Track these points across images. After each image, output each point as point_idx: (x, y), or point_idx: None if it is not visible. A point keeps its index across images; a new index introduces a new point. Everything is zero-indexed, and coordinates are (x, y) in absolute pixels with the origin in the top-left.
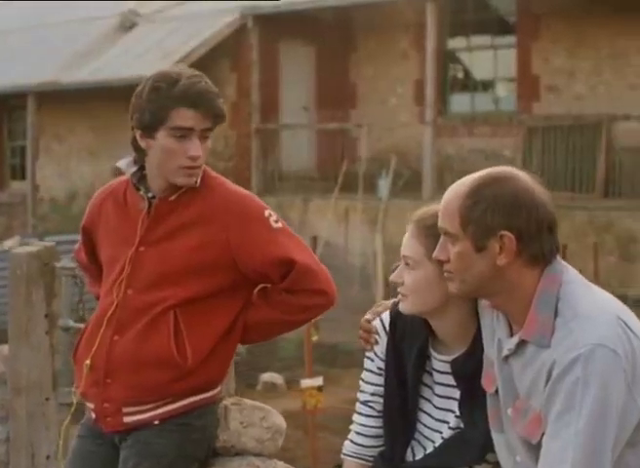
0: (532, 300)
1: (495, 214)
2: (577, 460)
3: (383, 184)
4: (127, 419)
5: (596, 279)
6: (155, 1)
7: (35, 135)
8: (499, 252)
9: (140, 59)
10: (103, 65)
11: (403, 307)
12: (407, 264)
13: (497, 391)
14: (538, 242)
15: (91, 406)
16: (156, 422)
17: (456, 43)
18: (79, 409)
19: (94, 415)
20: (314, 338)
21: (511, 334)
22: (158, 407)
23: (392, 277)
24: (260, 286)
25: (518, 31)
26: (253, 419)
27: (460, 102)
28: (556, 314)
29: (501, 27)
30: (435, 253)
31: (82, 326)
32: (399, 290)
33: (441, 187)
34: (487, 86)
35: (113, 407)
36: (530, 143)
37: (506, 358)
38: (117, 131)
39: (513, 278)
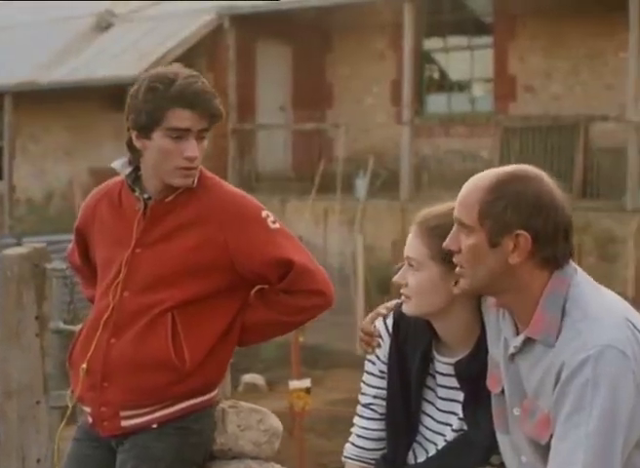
0: (539, 300)
1: (514, 212)
2: (587, 462)
3: (361, 185)
4: (124, 423)
5: None
6: (131, 1)
7: (12, 135)
8: (512, 250)
9: (116, 60)
10: (80, 65)
11: (406, 309)
12: (410, 265)
13: (502, 391)
14: (552, 245)
15: (87, 409)
16: (154, 426)
17: (432, 43)
18: (73, 413)
19: (90, 419)
20: (301, 339)
21: (517, 334)
22: (156, 410)
23: (395, 278)
24: (258, 287)
25: (495, 32)
26: (250, 422)
27: (436, 103)
28: (563, 314)
29: (478, 28)
30: (446, 243)
31: (73, 328)
32: (402, 291)
33: (418, 188)
34: (463, 86)
35: (110, 410)
36: (507, 144)
37: (512, 357)
38: (93, 130)
39: (523, 278)
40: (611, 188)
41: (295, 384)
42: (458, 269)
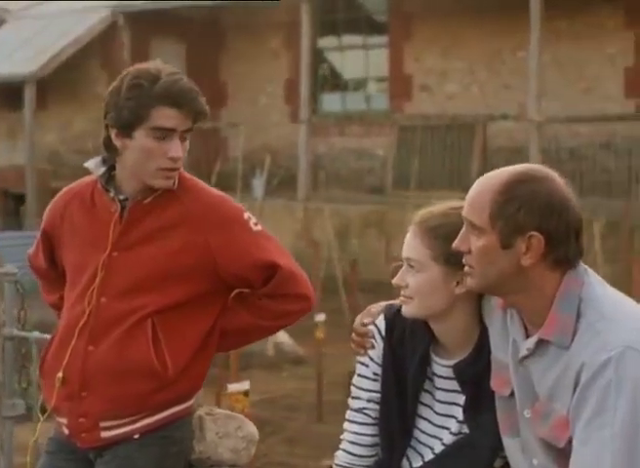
0: (551, 301)
1: (527, 213)
2: (615, 464)
3: (258, 184)
4: (105, 434)
5: None
6: (22, 0)
7: None
8: (524, 251)
9: (9, 58)
10: None
11: (407, 311)
12: (410, 267)
13: (511, 394)
14: (564, 246)
15: (63, 421)
16: (136, 436)
17: (327, 42)
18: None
19: (67, 431)
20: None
21: (526, 335)
22: (137, 420)
23: (395, 280)
24: (237, 290)
25: (390, 31)
26: (228, 429)
27: (331, 102)
28: (578, 315)
29: (373, 27)
30: (455, 244)
31: (27, 335)
32: (403, 292)
33: (315, 187)
34: (358, 85)
35: (90, 421)
36: (403, 143)
37: (523, 359)
38: None
39: (534, 279)
40: None
41: (234, 387)
42: (466, 269)
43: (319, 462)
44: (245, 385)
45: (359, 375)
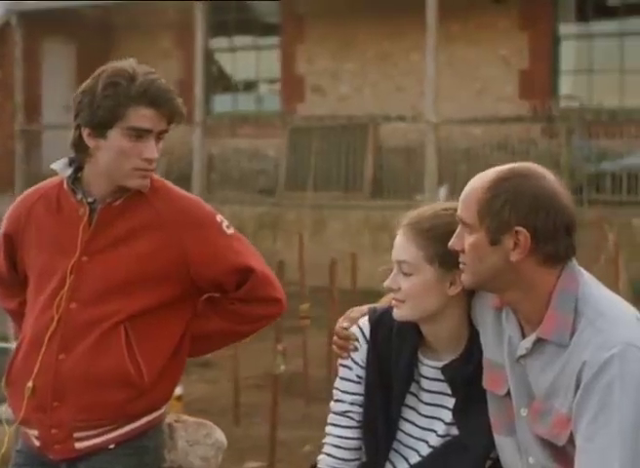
0: (548, 299)
1: (512, 209)
2: (625, 459)
3: None
4: (79, 445)
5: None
6: None
7: None
8: (512, 247)
9: None
10: None
11: (399, 313)
12: (402, 269)
13: (507, 393)
14: (553, 242)
15: (34, 432)
16: (111, 446)
17: (218, 43)
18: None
19: (38, 443)
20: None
21: (522, 334)
22: (113, 429)
23: (387, 283)
24: (207, 294)
25: (282, 32)
26: (197, 437)
27: (222, 103)
28: (576, 313)
29: (265, 28)
30: (451, 243)
31: None
32: (395, 296)
33: (209, 187)
34: (250, 86)
35: (63, 432)
36: (295, 144)
37: (521, 358)
38: None
39: (527, 275)
40: (399, 187)
41: None
42: (461, 266)
43: (240, 466)
44: (178, 390)
45: (342, 378)
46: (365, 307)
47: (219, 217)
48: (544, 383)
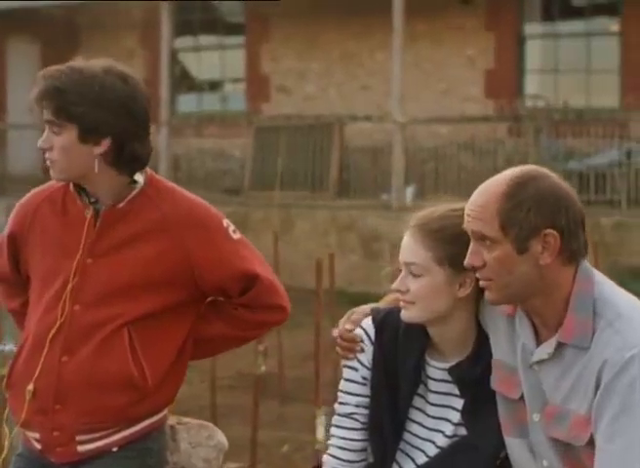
0: (566, 302)
1: (538, 213)
2: None
3: None
4: (81, 448)
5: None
6: None
7: None
8: (541, 251)
9: None
10: None
11: (408, 315)
12: (411, 271)
13: (520, 397)
14: (576, 239)
15: (35, 435)
16: (115, 449)
17: (183, 43)
18: None
19: (39, 446)
20: None
21: (537, 339)
22: (115, 432)
23: (395, 285)
24: (210, 298)
25: (247, 32)
26: (199, 439)
27: (187, 103)
28: (595, 315)
29: (230, 28)
30: (468, 261)
31: None
32: (403, 298)
33: None
34: (215, 86)
35: (65, 435)
36: (260, 143)
37: (537, 363)
38: None
39: (552, 277)
40: (365, 186)
41: None
42: (482, 283)
43: (222, 466)
44: None
45: (347, 380)
46: (366, 308)
47: (225, 222)
48: (563, 387)
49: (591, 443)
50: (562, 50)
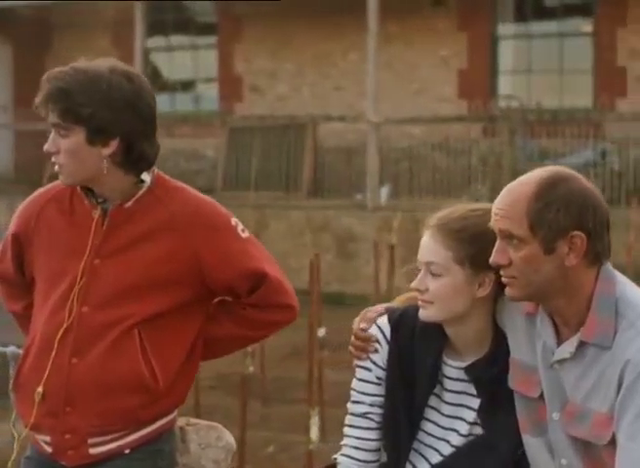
0: (589, 302)
1: (566, 214)
2: None
3: None
4: (93, 451)
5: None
6: None
7: None
8: (567, 252)
9: None
10: None
11: (427, 314)
12: (430, 270)
13: (540, 395)
14: (601, 240)
15: (45, 438)
16: (127, 451)
17: (155, 42)
18: None
19: (50, 449)
20: None
21: (558, 338)
22: (127, 434)
23: (414, 284)
24: (219, 298)
25: (219, 32)
26: (209, 440)
27: (160, 103)
28: (617, 315)
29: (202, 28)
30: (493, 259)
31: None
32: (422, 297)
33: None
34: (188, 86)
35: (77, 438)
36: (234, 144)
37: (558, 362)
38: None
39: (576, 278)
40: (338, 186)
41: None
42: (506, 279)
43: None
44: None
45: (360, 380)
46: (380, 307)
47: (234, 221)
48: (585, 386)
49: (613, 441)
50: (535, 50)
